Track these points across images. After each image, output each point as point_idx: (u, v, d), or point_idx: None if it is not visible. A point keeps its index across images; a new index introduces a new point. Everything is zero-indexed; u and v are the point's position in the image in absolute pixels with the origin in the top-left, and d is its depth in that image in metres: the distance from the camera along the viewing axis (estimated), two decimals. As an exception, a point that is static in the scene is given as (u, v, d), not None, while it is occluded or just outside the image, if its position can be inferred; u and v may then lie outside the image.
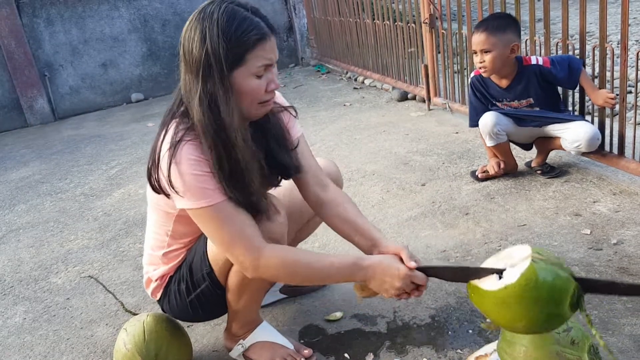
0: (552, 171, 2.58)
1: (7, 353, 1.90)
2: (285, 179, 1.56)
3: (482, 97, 2.62)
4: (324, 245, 2.28)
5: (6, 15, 5.65)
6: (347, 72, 5.58)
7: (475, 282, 1.24)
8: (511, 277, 1.15)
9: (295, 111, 1.60)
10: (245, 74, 1.28)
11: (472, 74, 2.66)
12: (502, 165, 2.60)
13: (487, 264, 1.25)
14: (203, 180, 1.29)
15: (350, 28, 5.12)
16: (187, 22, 1.30)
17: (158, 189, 1.36)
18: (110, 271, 2.38)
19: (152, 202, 1.52)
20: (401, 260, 1.36)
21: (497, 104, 2.59)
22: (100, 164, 4.04)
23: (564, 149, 2.48)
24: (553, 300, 1.14)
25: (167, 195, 1.35)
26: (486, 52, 2.41)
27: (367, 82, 5.12)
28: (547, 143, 2.58)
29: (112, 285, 2.26)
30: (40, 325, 2.04)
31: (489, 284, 1.22)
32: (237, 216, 1.32)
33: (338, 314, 1.80)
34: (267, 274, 1.36)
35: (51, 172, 4.03)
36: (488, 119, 2.51)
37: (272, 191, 1.56)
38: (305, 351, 1.64)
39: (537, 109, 2.52)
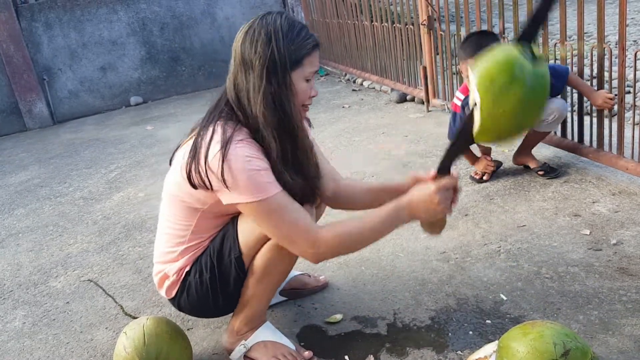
0: (553, 172, 2.58)
1: (6, 357, 1.90)
2: None
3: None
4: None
5: (5, 20, 5.65)
6: (345, 74, 5.59)
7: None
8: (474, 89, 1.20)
9: (310, 122, 1.70)
10: (300, 76, 1.39)
11: (462, 95, 2.56)
12: (492, 163, 2.64)
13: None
14: (259, 175, 1.35)
15: (349, 30, 5.13)
16: (246, 28, 1.40)
17: (201, 185, 1.40)
18: (109, 275, 2.38)
19: (173, 198, 1.52)
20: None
21: None
22: (100, 167, 4.04)
23: (537, 132, 2.56)
24: (505, 72, 1.15)
25: (208, 189, 1.39)
26: None
27: (365, 84, 5.12)
28: (522, 145, 2.68)
29: (111, 289, 2.26)
30: (39, 330, 2.04)
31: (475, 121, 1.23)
32: (292, 206, 1.40)
33: (338, 316, 1.80)
34: (329, 255, 1.45)
35: (50, 176, 4.03)
36: None
37: None
38: (306, 353, 1.64)
39: None
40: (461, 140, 1.36)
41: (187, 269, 1.57)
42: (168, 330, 1.61)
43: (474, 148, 2.69)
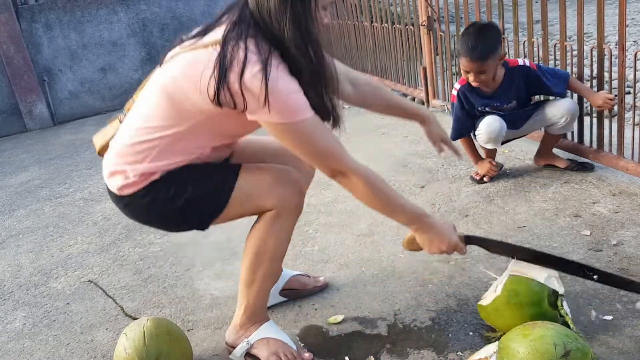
0: (587, 167, 2.55)
1: (7, 358, 1.90)
2: None
3: (469, 107, 2.60)
4: (324, 248, 2.27)
5: (5, 21, 5.65)
6: (345, 75, 5.59)
7: (480, 301, 1.62)
8: (498, 290, 1.54)
9: None
10: (320, 4, 1.39)
11: (458, 85, 2.60)
12: (494, 167, 2.64)
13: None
14: (298, 96, 1.37)
15: (349, 31, 5.13)
16: None
17: (229, 104, 1.36)
18: (110, 276, 2.38)
19: (166, 94, 1.42)
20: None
21: (487, 109, 2.57)
22: (100, 168, 4.00)
23: (553, 135, 2.57)
24: (533, 302, 1.48)
25: (236, 108, 1.36)
26: (481, 72, 2.43)
27: (365, 84, 5.12)
28: (541, 146, 2.65)
29: (111, 289, 2.26)
30: (40, 330, 2.04)
31: (487, 300, 1.58)
32: (327, 130, 1.44)
33: (339, 317, 1.80)
34: (349, 187, 1.48)
35: (50, 177, 4.03)
36: (496, 123, 2.48)
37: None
38: (306, 355, 1.64)
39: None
40: (503, 250, 1.64)
41: (156, 177, 1.48)
42: (168, 331, 1.61)
43: (479, 147, 2.69)
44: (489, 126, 2.50)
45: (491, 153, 2.69)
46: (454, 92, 2.63)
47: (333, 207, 2.64)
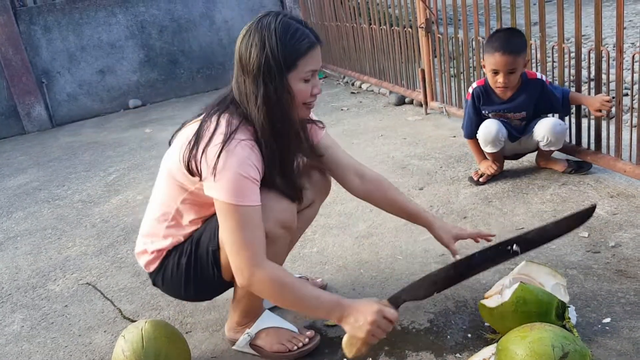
0: (585, 167, 2.55)
1: (4, 361, 1.90)
2: None
3: (480, 108, 2.62)
4: (323, 250, 2.27)
5: (3, 23, 5.65)
6: (344, 77, 5.59)
7: (483, 300, 1.60)
8: (506, 296, 1.51)
9: (323, 124, 1.74)
10: (296, 78, 1.42)
11: (475, 85, 2.63)
12: (495, 166, 2.64)
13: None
14: (246, 181, 1.39)
15: (347, 33, 5.14)
16: (244, 32, 1.44)
17: (195, 172, 1.44)
18: (108, 278, 2.38)
19: (168, 174, 1.56)
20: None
21: (491, 114, 2.60)
22: (98, 170, 4.03)
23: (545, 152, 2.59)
24: (541, 313, 1.47)
25: (199, 177, 1.44)
26: (511, 72, 2.43)
27: (364, 86, 5.13)
28: (539, 158, 2.70)
29: (110, 292, 2.25)
30: (38, 333, 2.04)
31: (492, 301, 1.57)
32: (255, 227, 1.41)
33: (337, 319, 1.80)
34: (257, 289, 1.44)
35: (49, 179, 4.03)
36: (493, 127, 2.51)
37: None
38: (308, 332, 1.70)
39: (525, 118, 2.57)
40: (426, 285, 1.48)
41: (169, 249, 1.60)
42: (166, 333, 1.61)
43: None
44: (485, 128, 2.53)
45: (498, 159, 2.67)
46: (470, 90, 2.65)
47: (332, 208, 2.64)
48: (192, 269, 1.58)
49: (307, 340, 1.67)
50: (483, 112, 2.61)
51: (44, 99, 5.96)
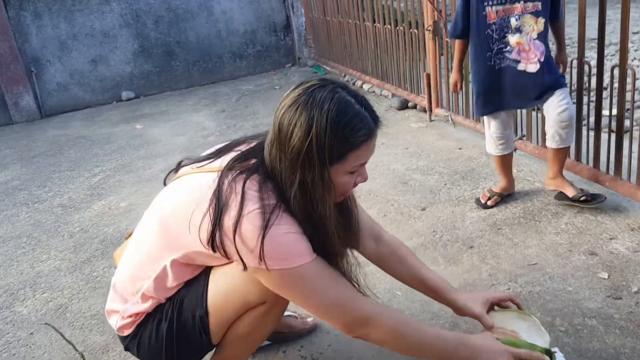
0: (598, 199, 2.23)
1: (-44, 401, 1.71)
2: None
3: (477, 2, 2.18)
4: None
5: (-9, 8, 5.41)
6: (345, 75, 5.36)
7: None
8: None
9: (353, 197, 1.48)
10: (341, 171, 1.19)
11: None
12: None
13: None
14: (297, 241, 1.19)
15: (350, 30, 4.90)
16: (290, 101, 1.17)
17: (223, 253, 1.20)
18: (80, 301, 2.18)
19: (163, 225, 1.30)
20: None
21: (492, 8, 2.15)
22: (83, 170, 3.82)
23: (554, 149, 2.29)
24: None
25: (225, 256, 1.21)
26: None
27: (365, 87, 4.91)
28: (550, 166, 2.36)
29: (81, 318, 2.06)
30: (-3, 367, 1.85)
31: None
32: (335, 276, 1.25)
33: (327, 369, 1.61)
34: (375, 339, 1.28)
35: (31, 178, 3.82)
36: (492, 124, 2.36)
37: None
38: None
39: (541, 19, 2.13)
40: None
41: (149, 312, 1.35)
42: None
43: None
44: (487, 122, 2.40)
45: (504, 168, 2.44)
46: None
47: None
48: (174, 336, 1.33)
49: None
50: (484, 3, 2.16)
51: (32, 89, 5.73)
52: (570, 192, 2.30)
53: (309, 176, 1.16)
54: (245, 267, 1.21)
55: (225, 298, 1.29)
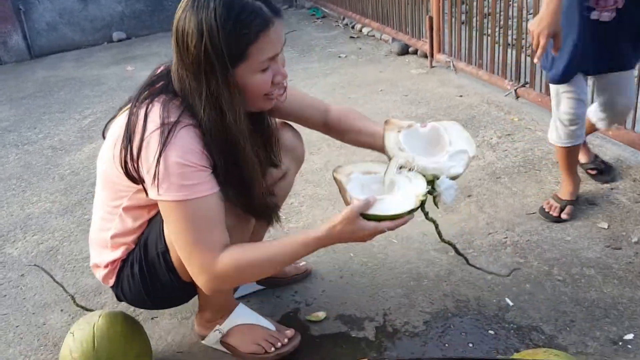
0: (608, 173, 2.06)
1: (-53, 341, 1.69)
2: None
3: None
4: (309, 225, 2.04)
5: (-27, -61, 5.13)
6: (344, 18, 5.18)
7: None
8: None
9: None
10: (248, 70, 1.13)
11: None
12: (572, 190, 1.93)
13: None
14: (187, 170, 1.12)
15: (350, -30, 4.69)
16: (180, 8, 1.13)
17: (136, 178, 1.18)
18: (71, 243, 2.15)
19: (105, 177, 1.30)
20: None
21: None
22: (73, 112, 3.72)
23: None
24: None
25: (141, 182, 1.18)
26: None
27: (365, 30, 4.74)
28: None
29: (72, 260, 2.03)
30: (-12, 307, 1.83)
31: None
32: (208, 220, 1.15)
33: (321, 314, 1.59)
34: (224, 284, 1.24)
35: (20, 119, 3.72)
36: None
37: None
38: (288, 332, 1.49)
39: None
40: None
41: (123, 258, 1.36)
42: (123, 331, 1.40)
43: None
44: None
45: (570, 165, 1.93)
46: None
47: (322, 176, 2.39)
48: (147, 278, 1.32)
49: (286, 340, 1.46)
50: None
51: (21, 28, 5.51)
52: (583, 158, 2.10)
53: (213, 84, 1.11)
54: (147, 194, 1.18)
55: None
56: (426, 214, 1.25)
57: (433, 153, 1.29)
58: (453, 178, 1.23)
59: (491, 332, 1.46)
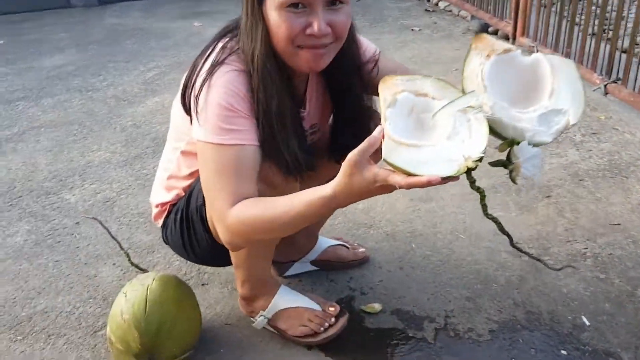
0: None
1: None
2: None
3: None
4: (369, 209, 1.94)
5: None
6: (420, -9, 4.94)
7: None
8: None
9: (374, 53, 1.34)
10: (271, 3, 1.04)
11: None
12: None
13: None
14: (227, 114, 1.07)
15: (433, -61, 4.44)
16: None
17: (189, 110, 1.15)
18: (128, 197, 2.13)
19: (173, 118, 1.31)
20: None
21: None
22: (138, 63, 3.71)
23: None
24: None
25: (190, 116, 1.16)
26: None
27: (441, 4, 4.51)
28: None
29: (127, 215, 2.01)
30: (41, 252, 1.83)
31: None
32: (237, 171, 1.08)
33: (377, 306, 1.50)
34: (237, 241, 1.13)
35: (85, 65, 3.75)
36: None
37: None
38: (332, 308, 1.42)
39: None
40: None
41: (171, 204, 1.37)
42: (176, 296, 1.35)
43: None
44: None
45: None
46: None
47: (387, 156, 2.27)
48: (185, 229, 1.32)
49: (332, 320, 1.38)
50: None
51: (93, -28, 5.56)
52: None
53: (250, 15, 1.07)
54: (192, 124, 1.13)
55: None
56: (472, 182, 0.93)
57: (523, 100, 0.97)
58: (536, 145, 0.92)
59: (564, 352, 1.33)
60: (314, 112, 1.28)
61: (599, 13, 2.66)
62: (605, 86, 2.63)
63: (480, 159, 0.87)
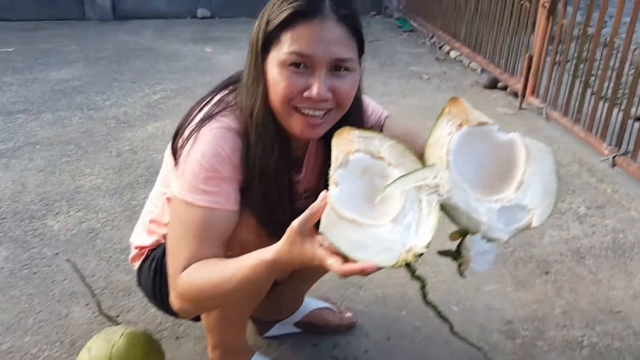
0: None
1: (-32, 312, 1.62)
2: None
3: None
4: (362, 267, 1.86)
5: None
6: (432, 37, 4.94)
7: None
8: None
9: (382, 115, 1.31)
10: (273, 59, 0.99)
11: None
12: None
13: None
14: (206, 176, 1.01)
15: (450, -12, 4.46)
16: None
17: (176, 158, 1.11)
18: (113, 229, 2.05)
19: (164, 161, 1.23)
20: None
21: None
22: (144, 84, 3.68)
23: None
24: None
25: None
26: None
27: (452, 54, 4.50)
28: None
29: (109, 249, 1.93)
30: (16, 283, 1.75)
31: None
32: (201, 236, 1.01)
33: (360, 380, 1.41)
34: (186, 308, 1.05)
35: (91, 81, 3.71)
36: None
37: None
38: None
39: None
40: None
41: (150, 249, 1.29)
42: (142, 353, 1.26)
43: None
44: None
45: None
46: None
47: (385, 211, 2.20)
48: (157, 278, 1.23)
49: None
50: None
51: (110, -13, 5.59)
52: None
53: (251, 68, 1.03)
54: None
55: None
56: (412, 273, 0.87)
57: (488, 186, 0.89)
58: (490, 240, 0.86)
59: None
60: (310, 177, 1.22)
61: (615, 79, 2.62)
62: (613, 157, 2.58)
63: (421, 254, 0.81)
